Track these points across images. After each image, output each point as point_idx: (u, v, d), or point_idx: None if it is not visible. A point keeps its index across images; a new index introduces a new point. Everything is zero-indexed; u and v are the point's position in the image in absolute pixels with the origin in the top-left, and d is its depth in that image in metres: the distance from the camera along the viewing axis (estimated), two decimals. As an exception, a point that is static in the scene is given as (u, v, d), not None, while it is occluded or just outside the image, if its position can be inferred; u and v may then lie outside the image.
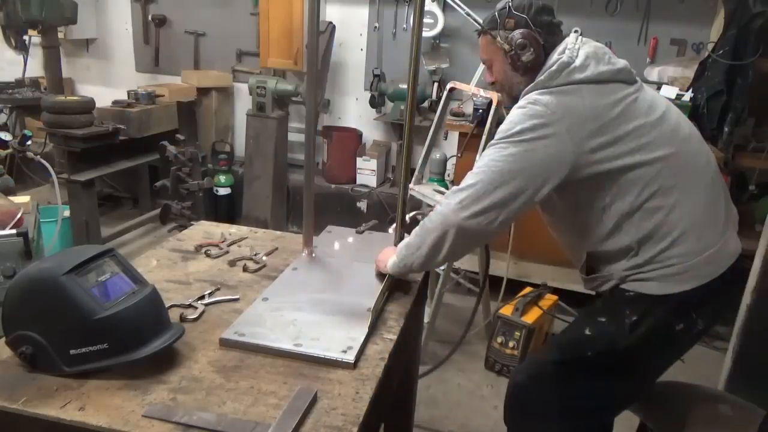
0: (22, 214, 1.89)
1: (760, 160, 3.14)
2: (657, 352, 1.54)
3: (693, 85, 3.23)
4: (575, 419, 1.60)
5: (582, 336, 1.57)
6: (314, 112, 1.57)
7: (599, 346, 1.54)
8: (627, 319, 1.48)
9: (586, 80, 1.41)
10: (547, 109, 1.38)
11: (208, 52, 4.54)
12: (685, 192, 1.44)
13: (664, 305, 1.46)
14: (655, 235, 1.43)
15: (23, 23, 3.49)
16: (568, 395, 1.58)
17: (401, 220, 1.60)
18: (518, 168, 1.37)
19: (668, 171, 1.42)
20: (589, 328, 1.57)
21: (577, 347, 1.58)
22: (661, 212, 1.42)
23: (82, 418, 0.96)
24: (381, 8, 4.05)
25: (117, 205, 4.80)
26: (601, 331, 1.53)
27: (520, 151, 1.37)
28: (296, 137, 4.34)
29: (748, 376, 2.32)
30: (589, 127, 1.38)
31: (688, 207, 1.44)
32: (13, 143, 2.85)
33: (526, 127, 1.38)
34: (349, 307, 1.35)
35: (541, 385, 1.62)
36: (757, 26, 2.97)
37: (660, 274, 1.44)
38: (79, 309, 1.04)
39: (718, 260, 1.47)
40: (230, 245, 1.70)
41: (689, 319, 1.49)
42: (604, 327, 1.53)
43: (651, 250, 1.44)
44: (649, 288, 1.46)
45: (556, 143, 1.37)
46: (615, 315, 1.51)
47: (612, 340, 1.51)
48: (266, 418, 0.98)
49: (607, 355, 1.52)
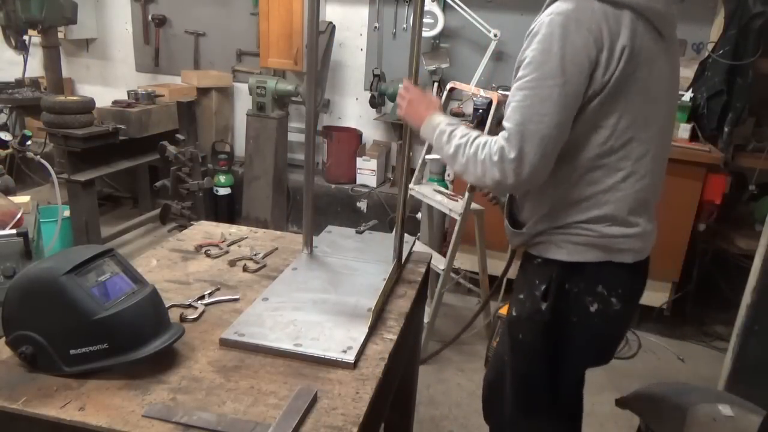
0: (22, 214, 1.89)
1: (760, 160, 3.14)
2: (581, 328, 1.46)
3: (693, 85, 3.23)
4: (538, 408, 1.58)
5: (511, 318, 1.55)
6: (314, 112, 1.57)
7: (524, 325, 1.50)
8: (537, 290, 1.45)
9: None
10: None
11: (208, 52, 4.55)
12: (649, 164, 1.37)
13: (568, 273, 1.41)
14: (599, 197, 1.37)
15: (23, 23, 3.49)
16: (520, 384, 1.57)
17: (401, 220, 1.60)
18: None
19: (648, 135, 1.36)
20: (515, 308, 1.54)
21: (512, 332, 1.55)
22: (620, 173, 1.35)
23: (82, 418, 0.96)
24: (381, 8, 4.05)
25: (117, 205, 4.80)
26: (522, 310, 1.50)
27: None
28: (296, 137, 4.34)
29: (748, 376, 2.32)
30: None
31: (645, 181, 1.38)
32: (13, 143, 2.85)
33: None
34: (349, 307, 1.35)
35: (503, 378, 1.61)
36: (757, 26, 2.97)
37: (568, 240, 1.40)
38: (79, 309, 1.04)
39: (645, 243, 1.43)
40: (230, 245, 1.70)
41: (602, 298, 1.42)
42: (523, 304, 1.50)
43: (589, 211, 1.37)
44: (553, 252, 1.42)
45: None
46: (529, 288, 1.48)
47: (529, 316, 1.48)
48: (266, 418, 0.98)
49: (533, 333, 1.48)
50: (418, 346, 1.93)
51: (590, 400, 2.65)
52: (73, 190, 3.38)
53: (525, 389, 1.58)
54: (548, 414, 1.59)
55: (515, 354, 1.57)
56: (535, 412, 1.60)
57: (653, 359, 3.03)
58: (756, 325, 2.32)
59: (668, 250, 3.09)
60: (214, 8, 4.41)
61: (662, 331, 3.28)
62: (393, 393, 1.45)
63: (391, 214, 3.94)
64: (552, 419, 1.61)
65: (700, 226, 3.09)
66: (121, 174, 4.14)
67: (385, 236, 1.81)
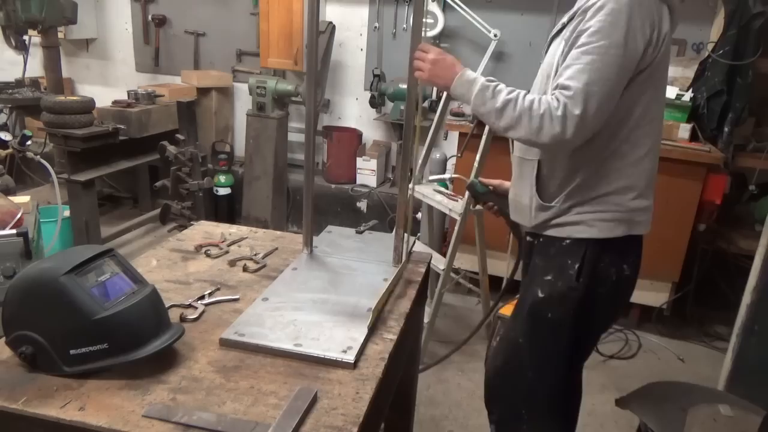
0: (22, 214, 1.89)
1: (760, 160, 3.14)
2: (611, 298, 1.59)
3: (693, 85, 3.23)
4: (554, 383, 1.68)
5: (537, 299, 1.61)
6: (314, 112, 1.57)
7: (556, 303, 1.58)
8: (570, 269, 1.53)
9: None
10: None
11: (208, 52, 4.55)
12: (659, 144, 1.55)
13: (598, 249, 1.52)
14: (626, 169, 1.49)
15: (23, 23, 3.49)
16: (544, 362, 1.65)
17: (402, 219, 1.60)
18: None
19: (660, 116, 1.54)
20: (541, 290, 1.60)
21: (539, 313, 1.61)
22: (643, 149, 1.48)
23: (82, 418, 0.96)
24: (381, 8, 4.05)
25: (117, 205, 4.80)
26: (553, 289, 1.57)
27: None
28: (296, 137, 4.34)
29: (748, 376, 2.32)
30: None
31: (657, 159, 1.54)
32: (13, 143, 2.86)
33: None
34: (349, 307, 1.34)
35: (521, 364, 1.68)
36: (757, 26, 2.97)
37: (599, 218, 1.51)
38: (79, 309, 1.03)
39: (649, 216, 1.57)
40: (230, 245, 1.70)
41: (620, 267, 1.56)
42: (554, 284, 1.57)
43: (617, 182, 1.49)
44: (583, 232, 1.52)
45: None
46: (559, 269, 1.56)
47: (564, 294, 1.56)
48: (266, 418, 0.98)
49: (565, 309, 1.57)
50: (418, 346, 1.92)
51: (590, 400, 2.66)
52: (73, 190, 3.38)
53: (551, 368, 1.66)
54: (566, 392, 1.71)
55: (540, 335, 1.63)
56: (558, 389, 1.69)
57: (653, 359, 3.03)
58: (756, 325, 2.32)
59: (668, 250, 3.09)
60: (214, 8, 4.41)
61: (662, 331, 3.28)
62: (393, 393, 1.45)
63: (391, 214, 3.94)
64: (567, 397, 1.72)
65: (700, 226, 3.09)
66: (121, 174, 4.14)
67: (385, 236, 1.81)
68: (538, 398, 1.70)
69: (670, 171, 2.97)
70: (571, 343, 1.63)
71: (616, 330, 3.24)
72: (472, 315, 2.88)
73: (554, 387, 1.69)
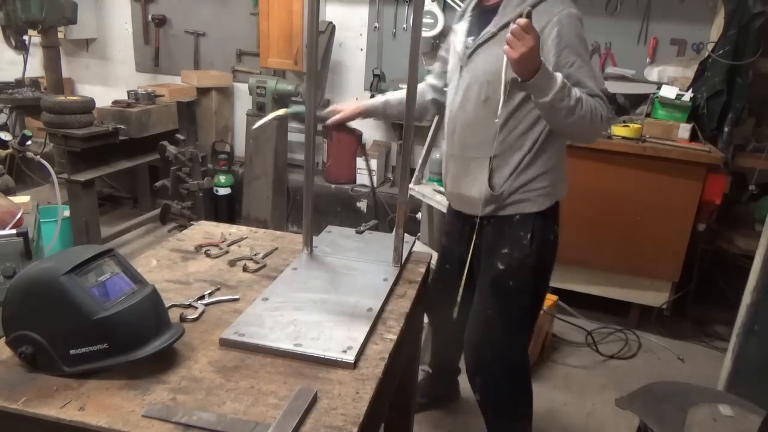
0: (22, 214, 1.89)
1: (760, 160, 3.14)
2: (551, 257, 1.92)
3: (693, 85, 3.23)
4: (524, 345, 2.01)
5: (498, 272, 1.86)
6: (314, 112, 1.57)
7: (515, 271, 1.84)
8: (524, 240, 1.82)
9: None
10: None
11: (208, 52, 4.54)
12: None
13: (541, 219, 1.84)
14: (550, 154, 1.81)
15: (23, 23, 3.49)
16: (512, 329, 1.92)
17: (402, 220, 1.60)
18: None
19: None
20: (500, 262, 1.85)
21: (501, 283, 1.86)
22: (560, 137, 1.80)
23: (82, 418, 0.96)
24: (381, 8, 4.05)
25: (117, 205, 4.80)
26: (511, 260, 1.84)
27: None
28: (296, 137, 4.34)
29: (748, 376, 2.32)
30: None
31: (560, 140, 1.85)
32: (13, 143, 2.86)
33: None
34: (349, 307, 1.34)
35: (493, 334, 1.92)
36: (757, 26, 2.97)
37: (539, 193, 1.82)
38: (79, 309, 1.03)
39: (566, 184, 1.93)
40: (230, 245, 1.70)
41: (555, 229, 1.90)
42: (511, 255, 1.83)
43: (546, 164, 1.80)
44: (529, 207, 1.82)
45: None
46: (514, 241, 1.83)
47: (521, 262, 1.83)
48: (266, 418, 0.98)
49: (524, 275, 1.85)
50: (418, 346, 1.93)
51: (590, 400, 2.66)
52: (73, 190, 3.38)
53: (520, 332, 1.97)
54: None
55: (505, 303, 1.89)
56: (527, 346, 2.05)
57: (653, 359, 3.03)
58: (756, 325, 2.32)
59: (668, 250, 3.09)
60: (214, 8, 4.41)
61: (662, 331, 3.28)
62: (393, 393, 1.45)
63: (391, 214, 3.94)
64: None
65: (700, 226, 3.09)
66: (121, 174, 4.14)
67: (385, 236, 1.81)
68: (513, 362, 1.96)
69: (670, 171, 2.97)
70: (532, 306, 1.93)
71: (616, 330, 3.24)
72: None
73: (525, 349, 2.01)
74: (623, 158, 3.00)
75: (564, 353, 3.03)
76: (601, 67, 3.62)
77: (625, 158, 2.99)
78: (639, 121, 3.14)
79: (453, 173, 1.92)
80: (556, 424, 2.50)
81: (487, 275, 1.89)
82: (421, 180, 3.14)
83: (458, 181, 1.91)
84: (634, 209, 3.07)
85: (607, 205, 3.10)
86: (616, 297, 3.28)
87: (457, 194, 1.95)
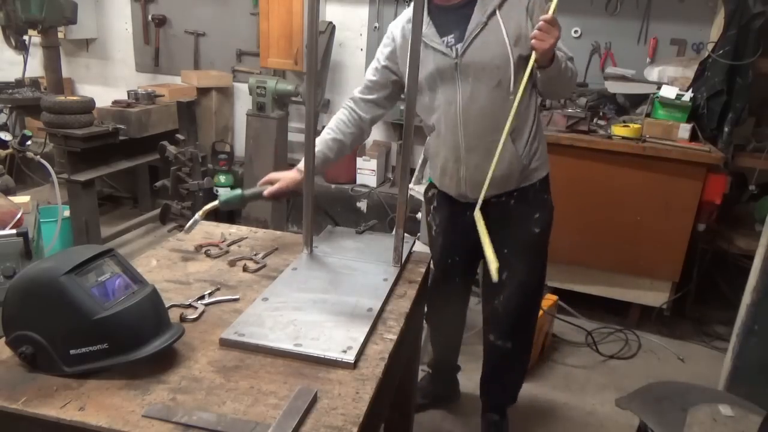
0: (22, 214, 1.89)
1: (760, 160, 3.14)
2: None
3: (693, 85, 3.22)
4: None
5: (535, 236, 2.02)
6: (314, 112, 1.57)
7: (547, 232, 2.04)
8: (547, 202, 2.04)
9: None
10: None
11: (208, 52, 4.54)
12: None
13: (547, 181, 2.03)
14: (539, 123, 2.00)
15: (23, 23, 3.49)
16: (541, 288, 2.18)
17: (402, 220, 1.60)
18: None
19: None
20: (535, 226, 2.02)
21: (538, 246, 2.05)
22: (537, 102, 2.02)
23: (82, 418, 0.96)
24: (381, 8, 4.05)
25: (117, 205, 4.80)
26: (544, 222, 2.02)
27: None
28: (296, 137, 4.34)
29: (748, 376, 2.32)
30: None
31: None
32: (13, 143, 2.86)
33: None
34: (349, 307, 1.35)
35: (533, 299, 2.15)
36: (757, 26, 2.97)
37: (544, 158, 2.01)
38: (79, 309, 1.03)
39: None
40: (230, 245, 1.70)
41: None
42: (543, 218, 2.03)
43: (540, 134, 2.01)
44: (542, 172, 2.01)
45: None
46: (541, 205, 2.02)
47: (549, 222, 2.04)
48: (266, 418, 0.98)
49: (549, 232, 2.06)
50: (418, 346, 1.93)
51: (590, 400, 2.66)
52: (73, 190, 3.38)
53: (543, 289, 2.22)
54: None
55: (543, 264, 2.09)
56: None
57: (653, 359, 3.03)
58: (756, 325, 2.32)
59: (668, 250, 3.09)
60: (214, 8, 4.41)
61: (662, 331, 3.28)
62: (393, 393, 1.45)
63: (391, 214, 3.94)
64: None
65: (700, 226, 3.09)
66: (121, 174, 4.14)
67: (385, 236, 1.81)
68: (537, 315, 2.22)
69: (669, 171, 2.97)
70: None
71: (616, 330, 3.24)
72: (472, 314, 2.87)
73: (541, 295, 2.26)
74: (623, 158, 3.00)
75: (564, 353, 3.03)
76: (601, 67, 3.63)
77: (625, 158, 2.99)
78: (639, 121, 3.14)
79: (474, 164, 1.92)
80: (556, 424, 2.50)
81: (522, 243, 2.01)
82: (421, 180, 3.14)
83: (482, 168, 1.86)
84: (634, 209, 3.07)
85: (607, 205, 3.10)
86: (616, 297, 3.28)
87: (478, 182, 1.86)
